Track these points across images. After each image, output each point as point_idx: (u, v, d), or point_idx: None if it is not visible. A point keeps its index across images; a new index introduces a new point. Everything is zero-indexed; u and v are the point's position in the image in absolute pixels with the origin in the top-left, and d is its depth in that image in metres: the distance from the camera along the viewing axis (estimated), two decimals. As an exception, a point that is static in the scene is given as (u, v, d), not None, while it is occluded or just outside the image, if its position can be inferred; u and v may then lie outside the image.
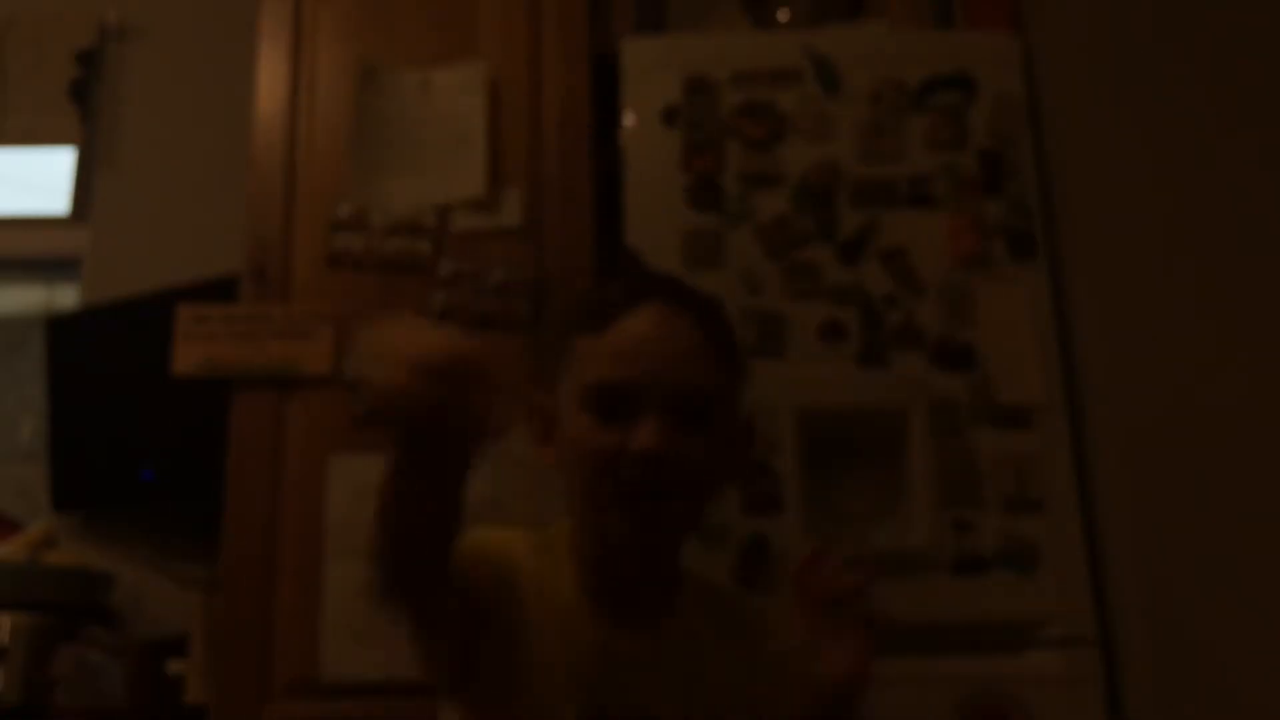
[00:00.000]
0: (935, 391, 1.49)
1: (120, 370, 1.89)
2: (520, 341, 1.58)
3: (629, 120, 1.64)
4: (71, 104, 2.29)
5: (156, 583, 1.95)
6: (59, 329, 2.02)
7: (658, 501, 0.93)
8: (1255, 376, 1.46)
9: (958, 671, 1.40)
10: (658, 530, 0.95)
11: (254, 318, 1.60)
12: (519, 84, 1.70)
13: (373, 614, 1.46)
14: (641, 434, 0.91)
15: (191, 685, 1.62)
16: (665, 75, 1.63)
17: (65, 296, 2.32)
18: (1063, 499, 1.47)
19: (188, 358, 1.58)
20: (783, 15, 1.88)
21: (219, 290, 1.67)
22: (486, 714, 0.94)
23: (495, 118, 1.67)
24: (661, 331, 0.96)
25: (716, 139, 1.60)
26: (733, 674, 1.00)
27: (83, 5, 2.34)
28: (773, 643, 1.06)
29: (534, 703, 0.92)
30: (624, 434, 0.92)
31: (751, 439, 1.10)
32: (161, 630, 1.82)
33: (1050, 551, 1.44)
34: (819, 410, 1.49)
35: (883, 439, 1.49)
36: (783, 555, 1.42)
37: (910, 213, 1.57)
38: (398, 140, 1.68)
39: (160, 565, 1.96)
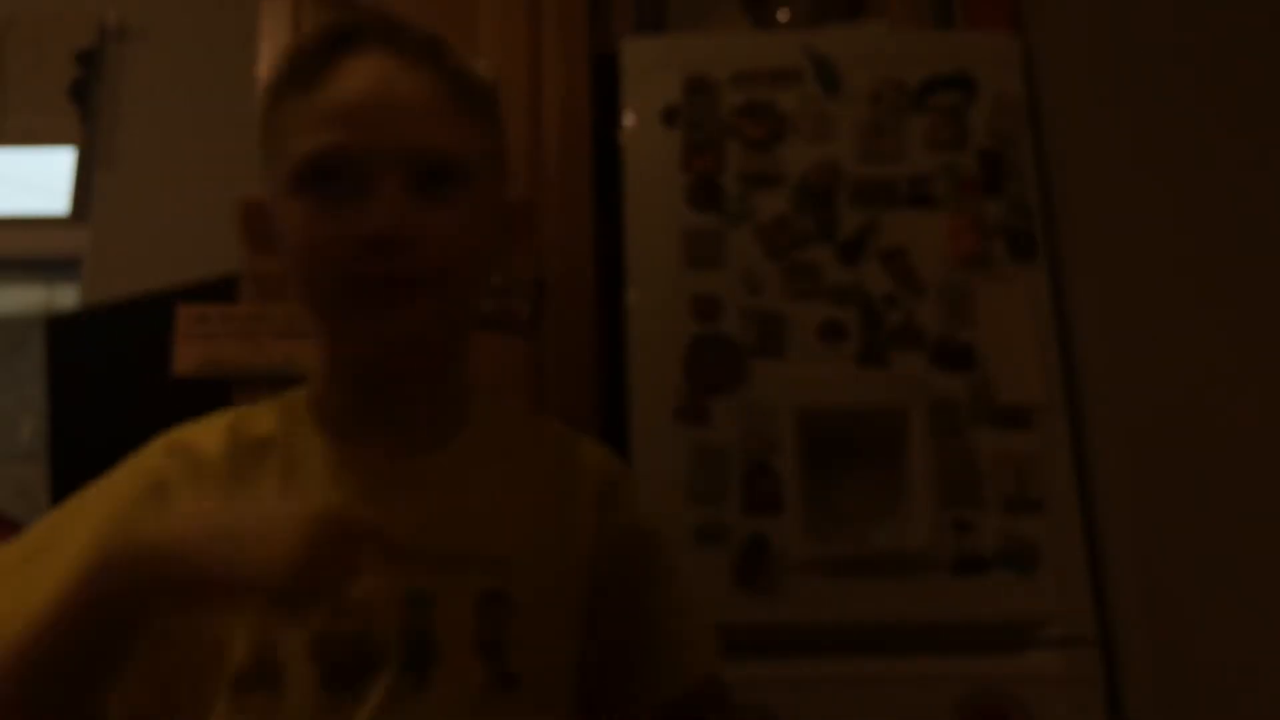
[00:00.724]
0: (935, 391, 1.49)
1: (120, 370, 1.89)
2: (520, 341, 1.58)
3: (629, 120, 1.64)
4: (71, 104, 2.29)
5: (156, 583, 1.94)
6: (59, 329, 2.02)
7: (407, 292, 0.72)
8: (1255, 376, 1.46)
9: (958, 671, 1.40)
10: (412, 332, 0.74)
11: (254, 318, 1.60)
12: (519, 84, 1.70)
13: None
14: (375, 211, 0.71)
15: (191, 685, 1.61)
16: (665, 75, 1.63)
17: (65, 296, 2.32)
18: (1063, 499, 1.47)
19: (188, 358, 1.58)
20: (783, 15, 1.88)
21: (219, 290, 1.67)
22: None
23: None
24: (385, 82, 0.74)
25: (716, 139, 1.60)
26: (526, 516, 0.80)
27: (83, 5, 2.34)
28: (619, 513, 0.84)
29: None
30: (350, 215, 0.71)
31: (528, 216, 0.89)
32: (161, 630, 1.82)
33: (1050, 551, 1.44)
34: (819, 410, 1.49)
35: (883, 439, 1.49)
36: (783, 555, 1.42)
37: (910, 213, 1.57)
38: (398, 140, 1.68)
39: (160, 565, 1.96)
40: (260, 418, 0.82)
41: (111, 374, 1.91)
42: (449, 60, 0.78)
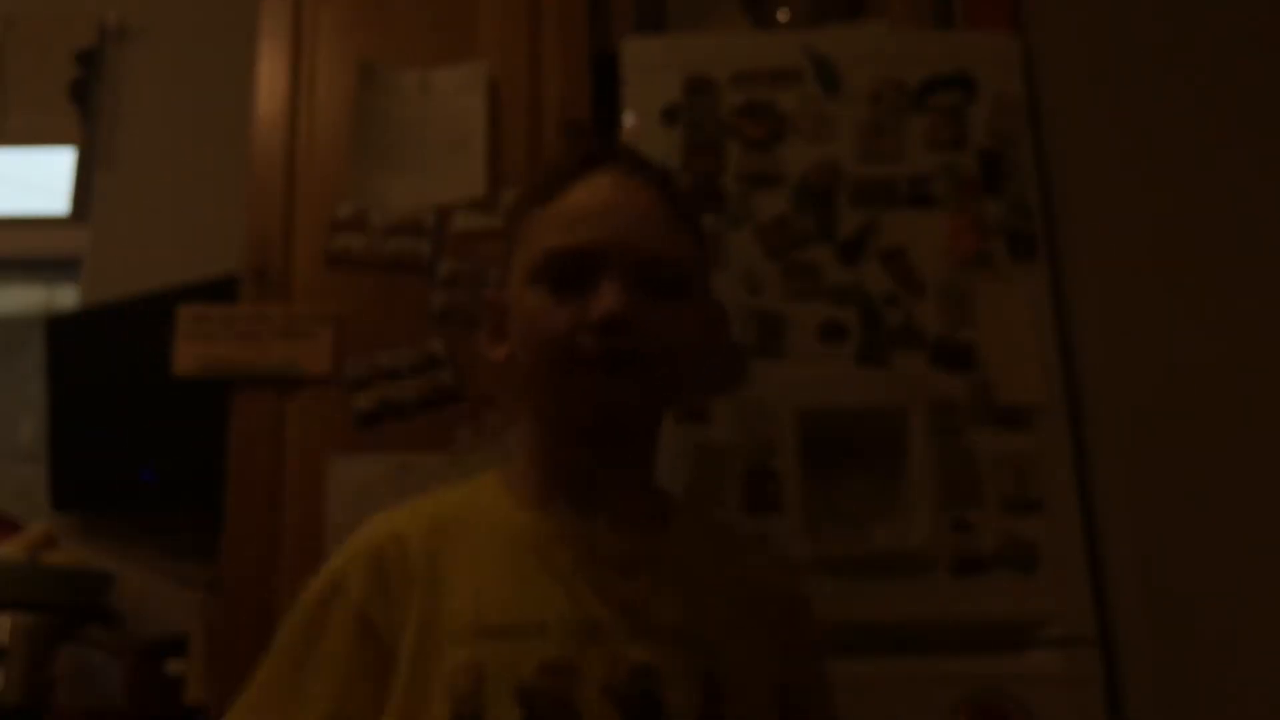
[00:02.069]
0: (935, 391, 1.49)
1: (120, 370, 1.89)
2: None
3: (629, 120, 1.63)
4: (71, 104, 2.29)
5: (156, 583, 1.95)
6: (59, 329, 2.02)
7: (624, 365, 0.80)
8: (1255, 376, 1.46)
9: (958, 671, 1.40)
10: (627, 402, 0.82)
11: (254, 318, 1.60)
12: (519, 84, 1.70)
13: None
14: (604, 298, 0.80)
15: (191, 685, 1.62)
16: (665, 75, 1.63)
17: (65, 296, 2.32)
18: (1063, 499, 1.47)
19: (188, 358, 1.58)
20: (783, 15, 1.88)
21: (219, 290, 1.67)
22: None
23: (495, 118, 1.67)
24: (620, 194, 0.85)
25: (716, 139, 1.60)
26: (731, 609, 0.86)
27: (83, 5, 2.34)
28: (798, 622, 0.93)
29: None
30: (584, 303, 0.81)
31: (726, 322, 1.01)
32: (161, 630, 1.82)
33: (1050, 551, 1.44)
34: (819, 410, 1.49)
35: (883, 439, 1.49)
36: (783, 555, 1.42)
37: (910, 213, 1.57)
38: (398, 140, 1.68)
39: (160, 565, 1.96)
40: (441, 498, 0.90)
41: (111, 374, 1.91)
42: (671, 183, 0.91)
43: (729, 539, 0.95)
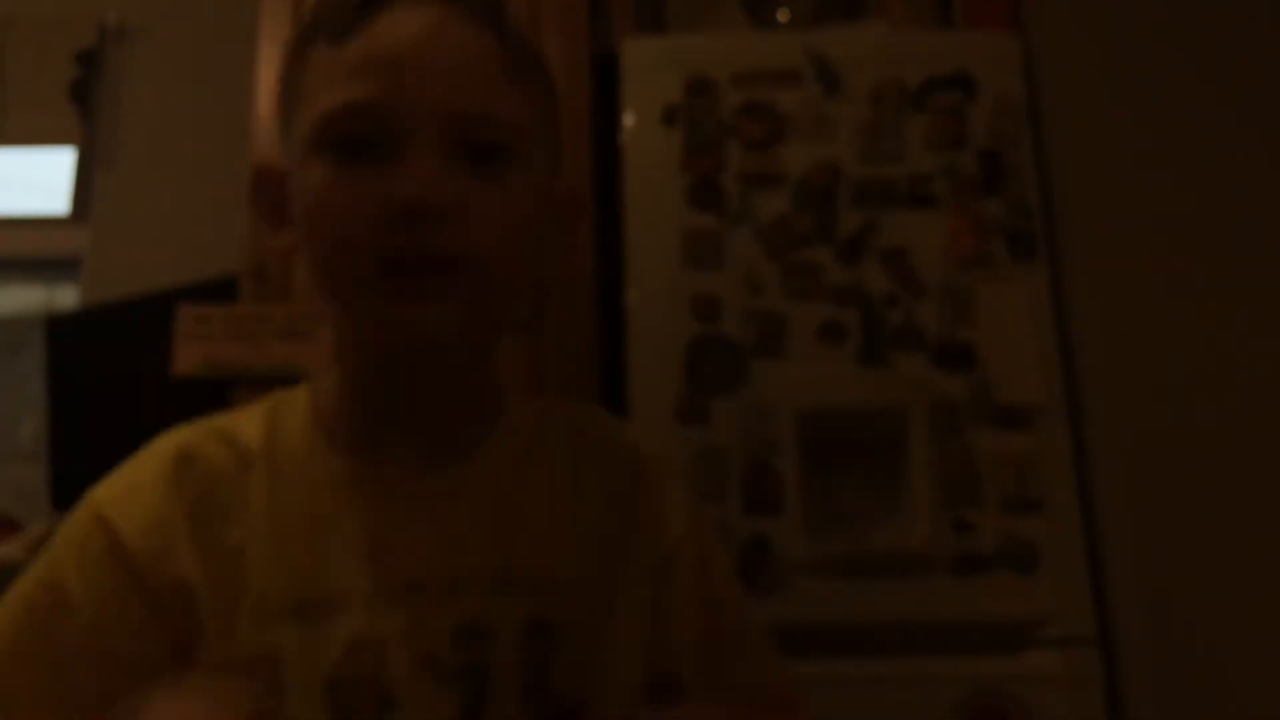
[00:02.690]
0: (935, 391, 1.49)
1: (120, 370, 1.89)
2: (520, 342, 1.58)
3: (629, 120, 1.63)
4: (71, 104, 2.29)
5: (156, 583, 1.94)
6: (59, 329, 2.02)
7: (441, 278, 0.60)
8: (1255, 376, 1.46)
9: (958, 671, 1.40)
10: (442, 326, 0.62)
11: (254, 318, 1.60)
12: (519, 84, 1.70)
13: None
14: (409, 174, 0.59)
15: (191, 685, 1.61)
16: (665, 75, 1.63)
17: (65, 296, 2.32)
18: (1063, 499, 1.47)
19: (188, 358, 1.58)
20: (783, 15, 1.88)
21: (219, 290, 1.67)
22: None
23: None
24: (431, 34, 0.63)
25: (716, 139, 1.60)
26: (569, 529, 0.69)
27: (83, 5, 2.34)
28: (665, 507, 0.72)
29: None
30: (379, 181, 0.60)
31: (580, 208, 0.78)
32: (161, 630, 1.81)
33: (1050, 551, 1.44)
34: (819, 410, 1.49)
35: (883, 439, 1.49)
36: (783, 555, 1.42)
37: (910, 213, 1.57)
38: (398, 140, 1.68)
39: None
40: (245, 426, 0.70)
41: (111, 374, 1.91)
42: (506, 22, 0.67)
43: (562, 431, 0.73)
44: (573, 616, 0.66)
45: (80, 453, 1.94)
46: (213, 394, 1.59)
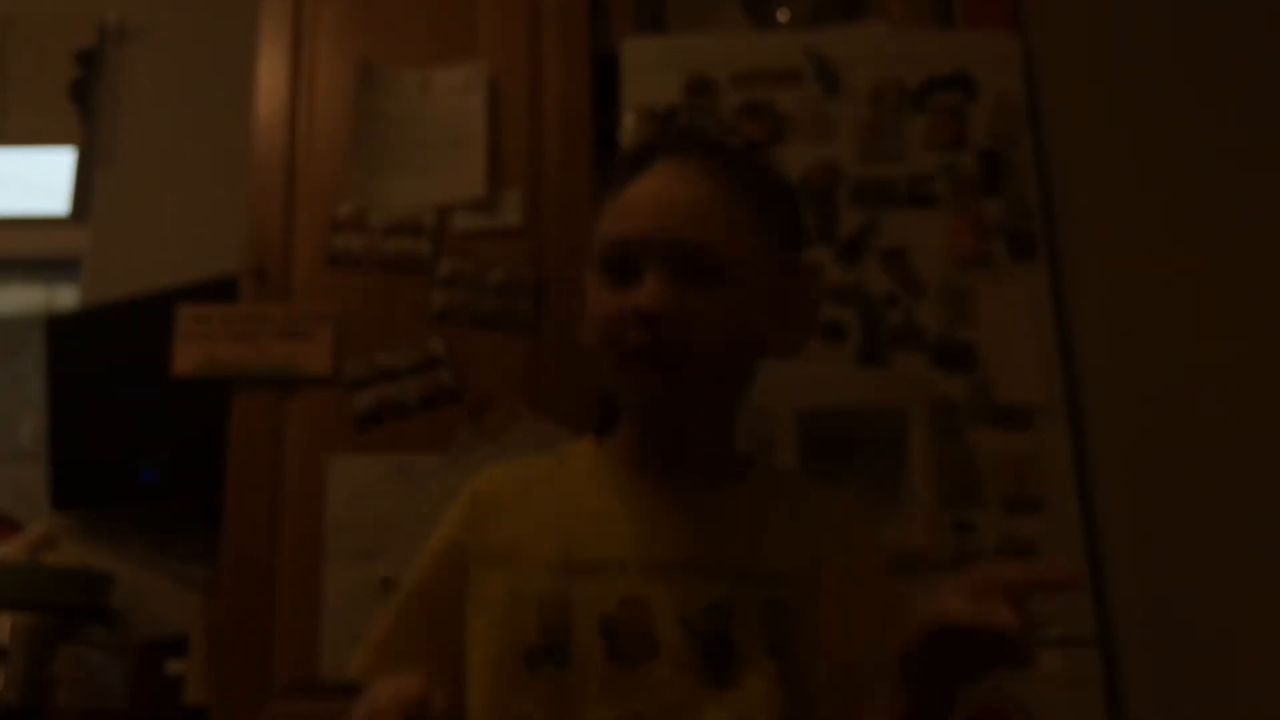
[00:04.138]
0: (935, 391, 1.49)
1: (120, 370, 1.89)
2: (520, 341, 1.58)
3: (629, 120, 1.63)
4: (71, 104, 2.29)
5: (156, 583, 1.95)
6: (59, 329, 2.02)
7: (668, 364, 0.85)
8: (1255, 376, 1.46)
9: (958, 671, 1.40)
10: (673, 398, 0.87)
11: (254, 318, 1.60)
12: (519, 84, 1.70)
13: (372, 614, 1.47)
14: (645, 292, 0.84)
15: (191, 685, 1.62)
16: (665, 75, 1.64)
17: (65, 296, 2.32)
18: (1063, 499, 1.47)
19: (188, 358, 1.58)
20: (783, 15, 1.88)
21: (219, 290, 1.67)
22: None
23: (495, 118, 1.67)
24: (672, 183, 0.88)
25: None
26: (798, 544, 0.89)
27: (83, 5, 2.34)
28: (872, 567, 0.92)
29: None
30: (630, 295, 0.85)
31: (811, 306, 1.00)
32: (161, 630, 1.82)
33: (1050, 551, 1.44)
34: (819, 410, 1.49)
35: (883, 439, 1.49)
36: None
37: (910, 213, 1.57)
38: (398, 140, 1.68)
39: (160, 565, 1.96)
40: (534, 463, 0.97)
41: (111, 374, 1.91)
42: (736, 166, 0.91)
43: (800, 487, 0.98)
44: (799, 604, 0.85)
45: (79, 453, 1.94)
46: (213, 394, 1.59)
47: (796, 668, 0.83)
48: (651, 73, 1.65)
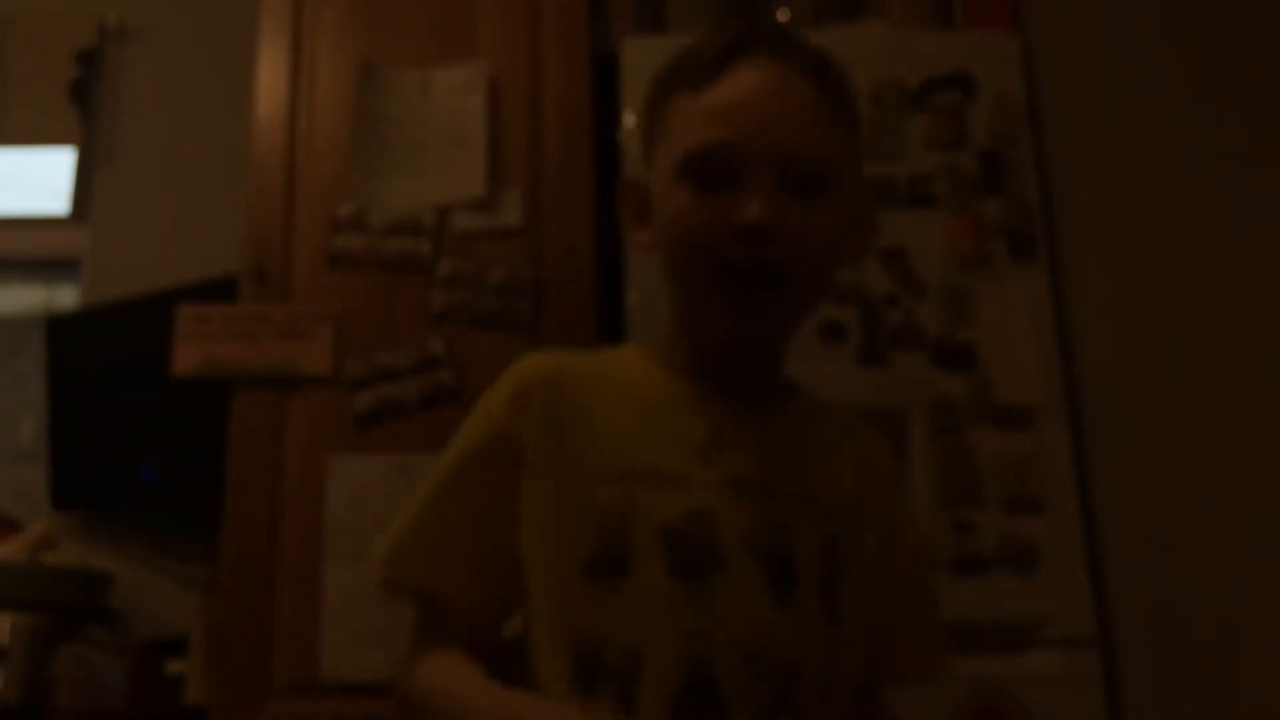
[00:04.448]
0: (935, 391, 1.49)
1: (120, 370, 1.89)
2: (520, 341, 1.58)
3: (629, 120, 1.63)
4: (71, 104, 2.29)
5: (156, 583, 1.95)
6: (59, 329, 2.02)
7: (769, 285, 0.79)
8: (1254, 376, 1.46)
9: (958, 671, 1.39)
10: (768, 319, 0.83)
11: (254, 318, 1.60)
12: (519, 84, 1.70)
13: (372, 614, 1.47)
14: (748, 205, 0.77)
15: (191, 685, 1.62)
16: (665, 75, 1.63)
17: (65, 296, 2.32)
18: (1063, 499, 1.47)
19: (188, 358, 1.58)
20: (783, 15, 1.88)
21: (219, 290, 1.67)
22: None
23: (495, 118, 1.67)
24: (770, 86, 0.81)
25: (716, 139, 1.60)
26: (846, 481, 0.88)
27: (83, 5, 2.34)
28: (896, 504, 0.93)
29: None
30: (727, 206, 0.78)
31: (873, 213, 0.95)
32: (161, 630, 1.82)
33: (1050, 551, 1.44)
34: (819, 410, 1.49)
35: (883, 439, 1.49)
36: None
37: (910, 213, 1.57)
38: (398, 140, 1.68)
39: (160, 565, 1.96)
40: (616, 352, 0.91)
41: (111, 374, 1.91)
42: (830, 73, 0.85)
43: (840, 419, 0.95)
44: (848, 543, 0.84)
45: (79, 452, 1.94)
46: (213, 394, 1.59)
47: (840, 604, 0.82)
48: (651, 73, 1.64)
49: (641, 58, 1.66)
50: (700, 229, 0.80)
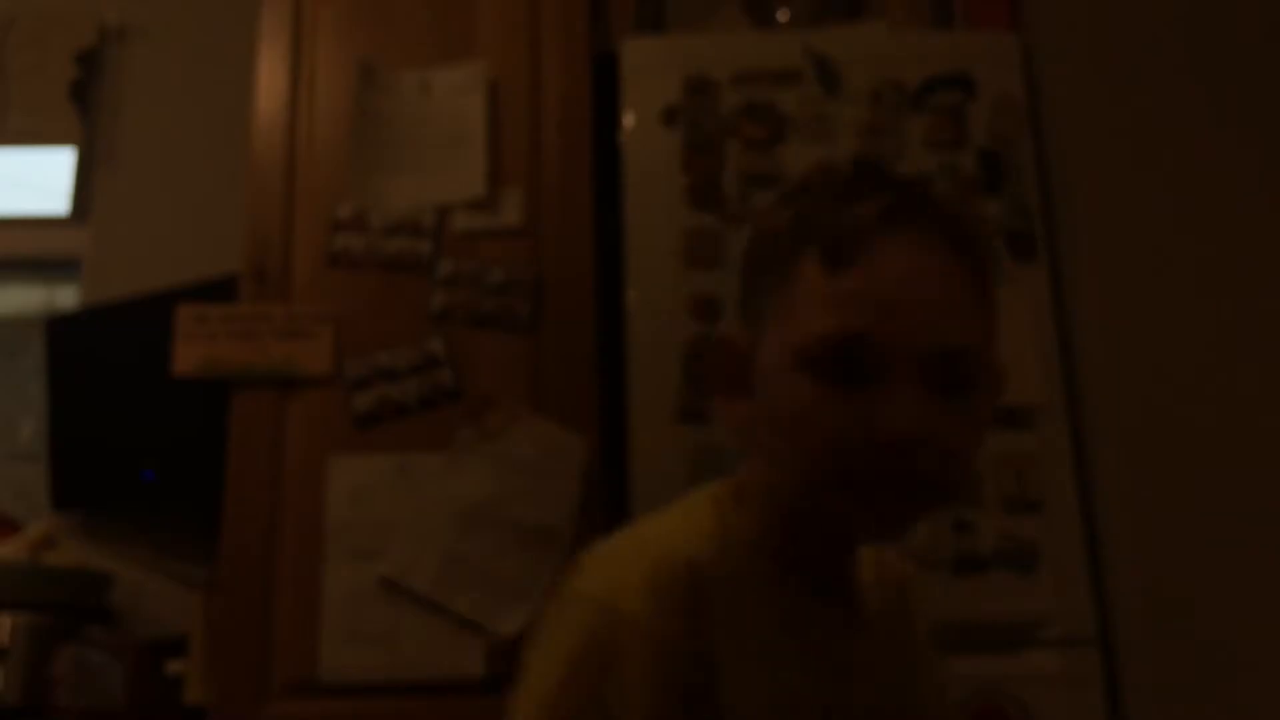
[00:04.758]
0: (935, 391, 1.49)
1: (120, 370, 1.89)
2: (520, 341, 1.58)
3: (629, 120, 1.63)
4: (71, 104, 2.29)
5: (156, 583, 1.95)
6: (59, 329, 2.02)
7: (918, 494, 0.69)
8: (1254, 376, 1.46)
9: (957, 671, 1.40)
10: (907, 528, 0.71)
11: (254, 318, 1.60)
12: (519, 84, 1.70)
13: (372, 614, 1.47)
14: (895, 411, 0.66)
15: (191, 685, 1.62)
16: (665, 75, 1.63)
17: (65, 296, 2.32)
18: (1063, 499, 1.47)
19: (188, 358, 1.58)
20: (783, 15, 1.88)
21: (219, 290, 1.67)
22: None
23: (495, 118, 1.67)
24: (924, 271, 0.69)
25: (716, 139, 1.60)
26: (908, 645, 0.85)
27: (83, 5, 2.34)
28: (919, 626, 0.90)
29: None
30: (866, 409, 0.66)
31: (1002, 389, 0.83)
32: (161, 630, 1.82)
33: (1050, 551, 1.44)
34: (819, 410, 1.48)
35: (883, 439, 1.49)
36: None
37: (910, 213, 1.57)
38: (398, 140, 1.68)
39: (160, 565, 1.96)
40: (701, 541, 0.74)
41: (111, 374, 1.91)
42: (976, 249, 0.75)
43: (888, 571, 0.88)
44: (924, 702, 0.82)
45: (80, 453, 1.94)
46: (213, 394, 1.59)
47: None
48: (651, 73, 1.65)
49: (641, 58, 1.67)
50: (834, 434, 0.67)
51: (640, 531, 0.76)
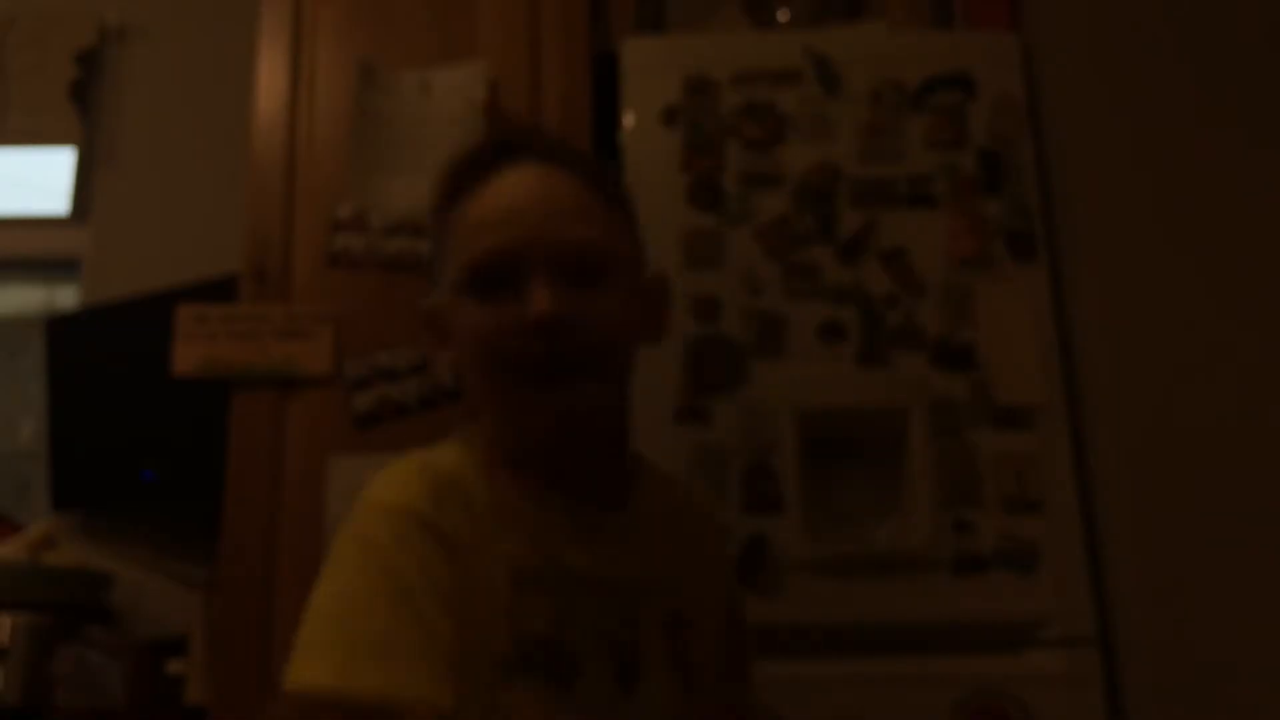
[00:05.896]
0: (935, 391, 1.49)
1: (120, 370, 1.89)
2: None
3: (629, 120, 1.64)
4: (71, 104, 2.29)
5: (156, 583, 1.95)
6: (59, 329, 2.02)
7: (569, 372, 0.81)
8: (1254, 376, 1.46)
9: (958, 671, 1.40)
10: (579, 408, 0.83)
11: (254, 318, 1.60)
12: (519, 84, 1.70)
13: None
14: (536, 299, 0.80)
15: (191, 685, 1.62)
16: (665, 75, 1.64)
17: (65, 296, 2.32)
18: (1063, 499, 1.47)
19: (188, 358, 1.58)
20: (783, 15, 1.88)
21: (219, 290, 1.67)
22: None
23: (495, 118, 1.67)
24: (535, 187, 0.84)
25: (716, 139, 1.60)
26: (684, 553, 0.95)
27: (83, 5, 2.34)
28: (724, 546, 1.08)
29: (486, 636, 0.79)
30: (515, 309, 0.81)
31: (666, 294, 0.97)
32: (161, 630, 1.82)
33: (1050, 551, 1.44)
34: (819, 410, 1.49)
35: (883, 439, 1.49)
36: (783, 555, 1.42)
37: (910, 213, 1.57)
38: (398, 140, 1.68)
39: (160, 565, 1.96)
40: (445, 458, 0.87)
41: (111, 374, 1.91)
42: (591, 167, 0.89)
43: (674, 491, 1.01)
44: (695, 613, 0.92)
45: (80, 452, 1.94)
46: (213, 394, 1.59)
47: (691, 671, 0.89)
48: (651, 73, 1.65)
49: (641, 58, 1.67)
50: (493, 335, 0.82)
51: (409, 457, 0.89)
